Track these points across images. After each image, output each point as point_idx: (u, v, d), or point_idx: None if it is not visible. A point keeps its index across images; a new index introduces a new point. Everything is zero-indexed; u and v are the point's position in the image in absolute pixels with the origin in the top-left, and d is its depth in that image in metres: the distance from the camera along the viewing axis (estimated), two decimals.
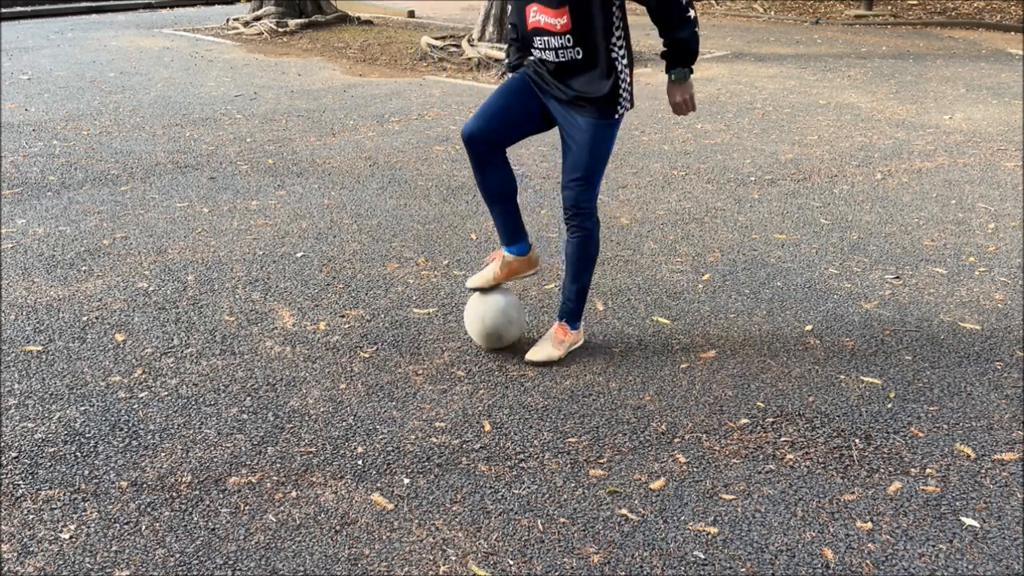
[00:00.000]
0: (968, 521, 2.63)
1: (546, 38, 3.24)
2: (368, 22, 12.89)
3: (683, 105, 3.41)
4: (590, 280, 3.57)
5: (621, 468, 2.86)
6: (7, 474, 2.80)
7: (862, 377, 3.43)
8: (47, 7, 14.06)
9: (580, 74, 3.27)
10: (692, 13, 3.22)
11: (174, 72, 9.36)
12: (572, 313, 3.57)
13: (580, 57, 3.23)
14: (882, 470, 2.86)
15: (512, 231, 3.62)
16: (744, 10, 15.26)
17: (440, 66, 9.91)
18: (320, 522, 2.60)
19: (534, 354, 3.53)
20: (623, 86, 3.29)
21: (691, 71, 3.34)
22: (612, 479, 2.81)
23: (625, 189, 5.66)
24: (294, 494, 2.72)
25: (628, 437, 3.03)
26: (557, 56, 3.25)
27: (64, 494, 2.70)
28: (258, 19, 12.40)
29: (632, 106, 3.38)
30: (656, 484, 2.79)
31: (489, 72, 9.52)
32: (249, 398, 3.24)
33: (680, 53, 3.28)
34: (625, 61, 3.30)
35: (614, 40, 3.24)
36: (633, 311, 3.97)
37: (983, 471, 2.87)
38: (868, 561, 2.47)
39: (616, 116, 3.33)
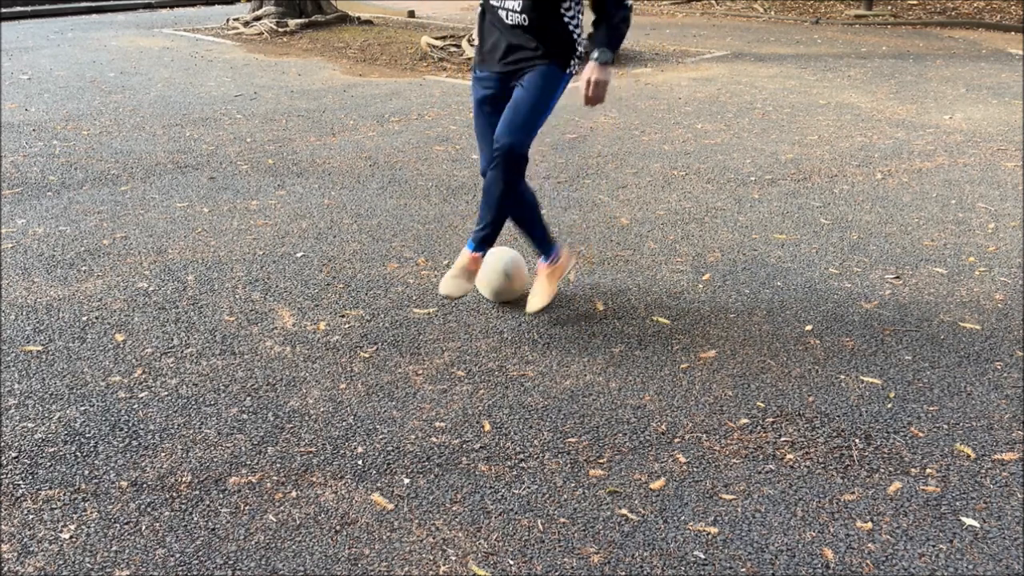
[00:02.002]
0: (968, 521, 2.64)
1: None
2: (368, 22, 12.89)
3: (598, 87, 3.43)
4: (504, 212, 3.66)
5: (621, 468, 2.86)
6: (7, 474, 2.80)
7: (862, 377, 3.43)
8: (47, 7, 14.06)
9: (526, 40, 3.44)
10: (629, 0, 3.44)
11: (174, 72, 9.36)
12: (537, 245, 3.88)
13: (526, 24, 3.40)
14: (882, 470, 2.86)
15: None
16: (744, 10, 15.26)
17: (440, 66, 9.91)
18: (320, 522, 2.60)
19: (535, 304, 3.80)
20: (577, 47, 3.48)
21: (614, 56, 3.44)
22: (612, 479, 2.81)
23: (625, 189, 5.66)
24: (294, 494, 2.72)
25: (628, 437, 3.03)
26: (508, 17, 3.43)
27: (64, 494, 2.70)
28: (258, 19, 12.40)
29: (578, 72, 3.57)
30: (656, 484, 2.79)
31: None
32: (249, 398, 3.24)
33: (609, 34, 3.42)
34: (579, 30, 3.49)
35: (564, 9, 3.41)
36: (633, 311, 3.97)
37: (983, 471, 2.87)
38: (868, 561, 2.47)
39: (567, 71, 3.50)
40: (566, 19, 3.44)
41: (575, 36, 3.48)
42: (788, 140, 6.85)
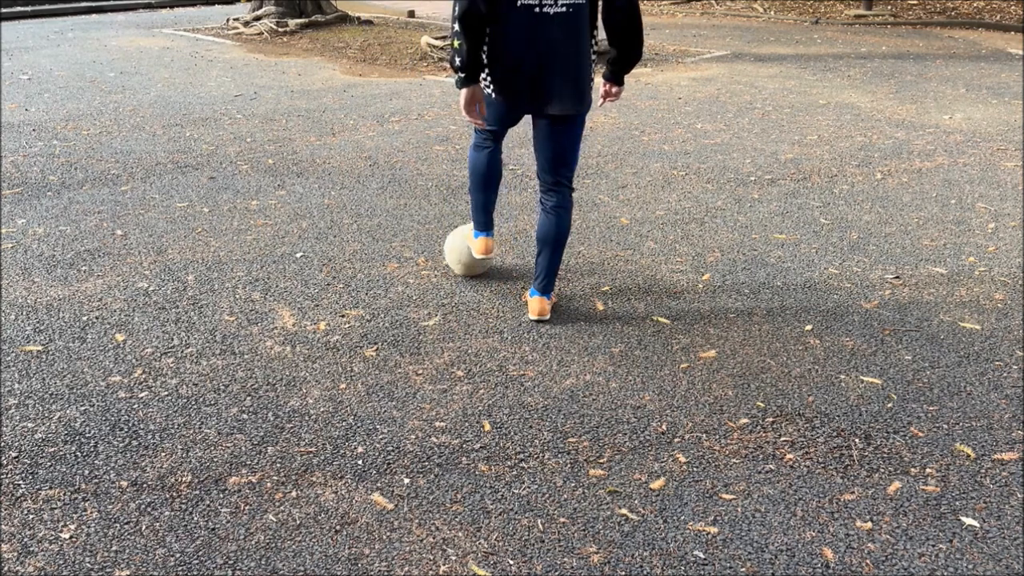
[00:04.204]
0: (968, 521, 2.64)
1: None
2: (368, 22, 12.89)
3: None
4: None
5: (621, 468, 2.86)
6: (7, 474, 2.80)
7: (862, 377, 3.43)
8: (47, 7, 14.06)
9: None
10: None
11: (174, 72, 9.36)
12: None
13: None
14: (882, 470, 2.86)
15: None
16: (744, 10, 15.26)
17: (440, 66, 9.91)
18: (320, 522, 2.60)
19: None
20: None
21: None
22: (612, 479, 2.81)
23: (625, 189, 5.66)
24: (294, 494, 2.72)
25: (628, 437, 3.03)
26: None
27: (64, 494, 2.70)
28: (258, 19, 12.40)
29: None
30: (656, 484, 2.79)
31: None
32: (249, 398, 3.24)
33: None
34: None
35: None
36: (633, 311, 3.97)
37: (983, 471, 2.87)
38: (868, 561, 2.47)
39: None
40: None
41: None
42: (788, 140, 6.85)
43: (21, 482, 2.76)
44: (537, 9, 3.33)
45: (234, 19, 12.61)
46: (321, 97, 8.27)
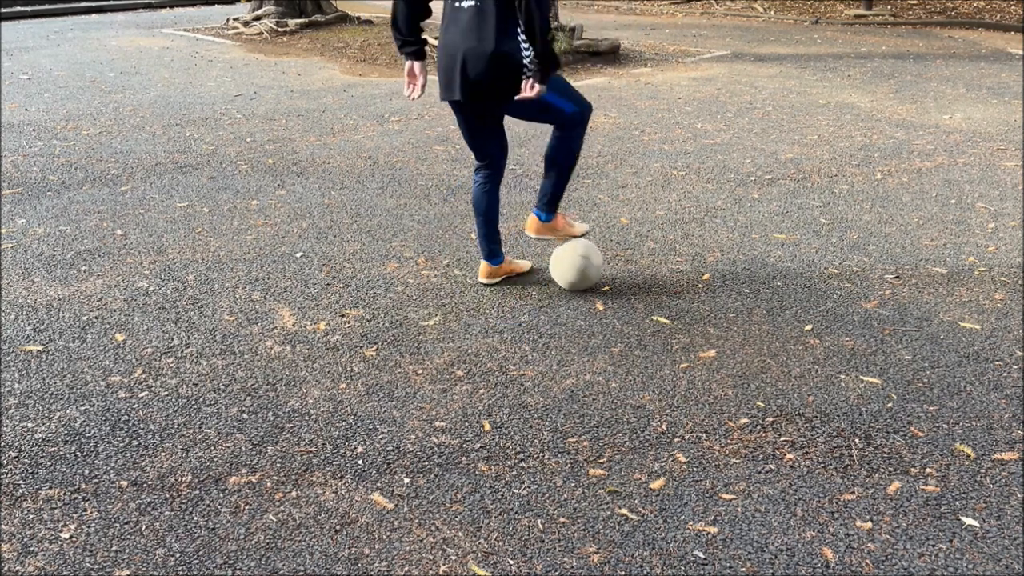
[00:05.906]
0: (968, 521, 2.64)
1: None
2: (368, 22, 12.89)
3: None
4: None
5: (621, 468, 2.87)
6: (7, 474, 2.80)
7: (862, 377, 3.43)
8: (47, 7, 14.06)
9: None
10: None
11: (174, 72, 9.36)
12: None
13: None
14: (882, 470, 2.87)
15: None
16: (744, 10, 15.26)
17: None
18: (320, 522, 2.60)
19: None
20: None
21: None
22: (612, 479, 2.81)
23: (625, 189, 5.66)
24: (294, 494, 2.72)
25: (628, 437, 3.03)
26: None
27: (64, 494, 2.70)
28: (258, 19, 12.40)
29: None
30: (656, 484, 2.79)
31: None
32: (249, 398, 3.24)
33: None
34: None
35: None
36: (633, 311, 3.97)
37: (983, 471, 2.87)
38: (868, 561, 2.47)
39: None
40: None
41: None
42: (788, 140, 6.85)
43: (21, 482, 2.76)
44: (456, 3, 3.69)
45: (234, 19, 12.61)
46: (321, 97, 8.27)
